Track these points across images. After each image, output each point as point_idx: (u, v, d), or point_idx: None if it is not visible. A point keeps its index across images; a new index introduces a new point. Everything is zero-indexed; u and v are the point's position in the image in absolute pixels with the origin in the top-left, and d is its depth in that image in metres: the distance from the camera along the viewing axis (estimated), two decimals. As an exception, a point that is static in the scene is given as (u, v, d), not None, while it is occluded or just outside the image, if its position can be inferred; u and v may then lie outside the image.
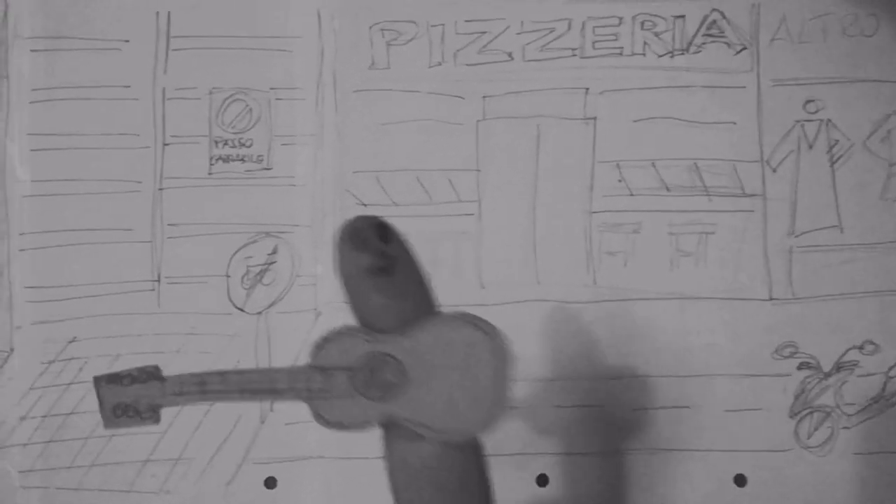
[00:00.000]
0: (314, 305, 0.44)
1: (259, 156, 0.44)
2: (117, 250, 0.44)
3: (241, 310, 0.44)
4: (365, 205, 0.44)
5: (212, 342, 0.44)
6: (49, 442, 0.43)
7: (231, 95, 0.44)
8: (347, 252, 0.23)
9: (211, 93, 0.44)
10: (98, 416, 0.24)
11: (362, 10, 0.45)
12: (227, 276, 0.44)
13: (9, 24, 0.44)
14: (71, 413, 0.43)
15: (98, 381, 0.24)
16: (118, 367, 0.43)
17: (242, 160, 0.44)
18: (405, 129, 0.44)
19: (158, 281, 0.44)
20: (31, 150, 0.44)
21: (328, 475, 0.44)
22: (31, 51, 0.44)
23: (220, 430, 0.44)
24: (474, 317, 0.24)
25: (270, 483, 0.44)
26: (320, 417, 0.24)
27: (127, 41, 0.44)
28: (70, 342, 0.44)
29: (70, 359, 0.44)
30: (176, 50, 0.44)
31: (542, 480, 0.43)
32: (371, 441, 0.44)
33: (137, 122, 0.44)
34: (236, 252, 0.44)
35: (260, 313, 0.44)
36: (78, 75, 0.44)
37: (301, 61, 0.44)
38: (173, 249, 0.44)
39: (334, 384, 0.23)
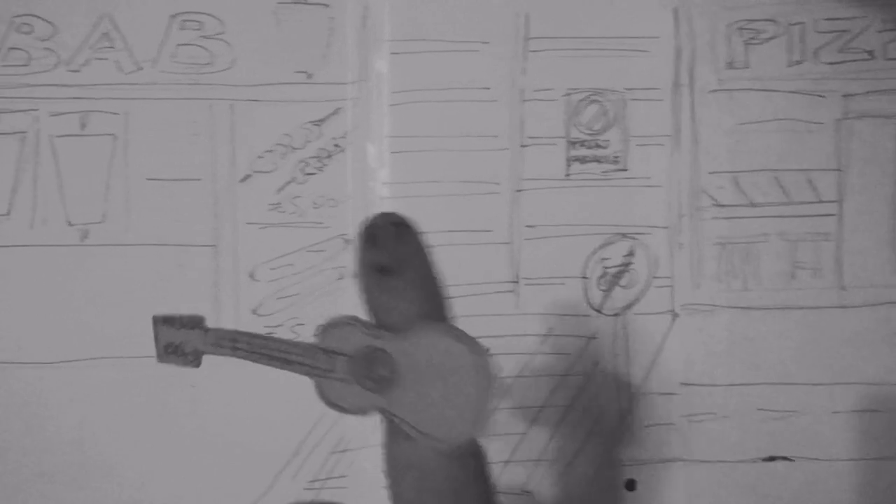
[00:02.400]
0: (671, 307, 0.44)
1: (615, 157, 0.44)
2: (476, 251, 0.44)
3: (599, 311, 0.44)
4: (721, 205, 0.44)
5: (570, 343, 0.44)
6: (411, 441, 0.44)
7: (587, 97, 0.44)
8: (362, 247, 0.24)
9: (567, 94, 0.44)
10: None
11: (720, 9, 0.44)
12: (584, 278, 0.44)
13: (368, 27, 0.44)
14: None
15: (156, 320, 0.26)
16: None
17: (598, 161, 0.44)
18: (763, 128, 0.44)
19: (517, 282, 0.44)
20: (392, 153, 0.44)
21: (691, 478, 0.43)
22: (391, 53, 0.44)
23: (580, 432, 0.44)
24: (460, 331, 0.24)
25: (631, 485, 0.44)
26: (323, 395, 0.24)
27: (486, 43, 0.44)
28: (431, 343, 0.44)
29: (431, 359, 0.44)
30: (534, 51, 0.44)
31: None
32: (732, 447, 0.44)
33: (496, 123, 0.44)
34: (593, 253, 0.44)
35: (617, 315, 0.44)
36: (437, 77, 0.44)
37: (657, 62, 0.44)
38: (531, 251, 0.44)
39: (336, 367, 0.24)
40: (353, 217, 0.44)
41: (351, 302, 0.43)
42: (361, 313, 0.24)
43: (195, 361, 0.26)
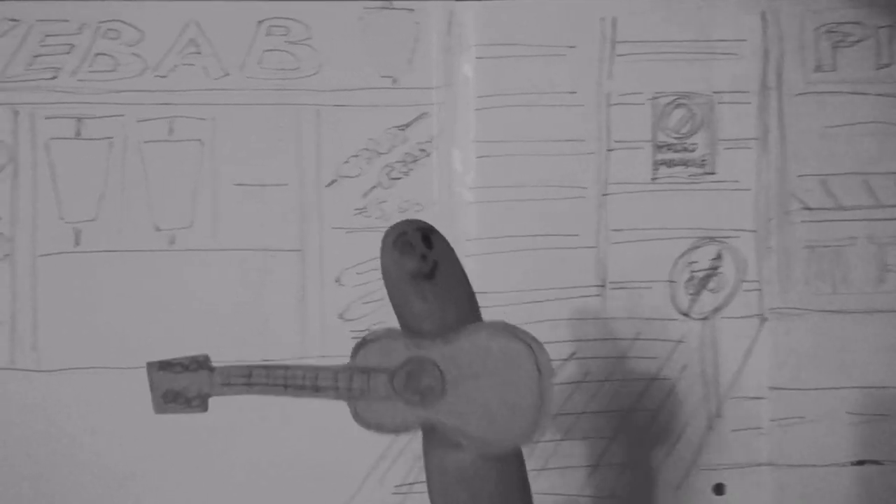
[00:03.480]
0: (759, 311, 0.44)
1: (703, 160, 0.44)
2: (563, 256, 0.44)
3: (687, 315, 0.44)
4: (809, 208, 0.44)
5: (657, 347, 0.44)
6: (499, 446, 0.44)
7: (674, 100, 0.44)
8: (392, 255, 0.23)
9: (654, 98, 0.44)
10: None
11: (807, 13, 0.44)
12: (672, 282, 0.44)
13: (453, 32, 0.44)
14: (520, 418, 0.44)
15: (151, 367, 0.24)
16: (567, 371, 0.43)
17: (685, 165, 0.44)
18: (851, 131, 0.44)
19: (604, 286, 0.44)
20: (477, 157, 0.44)
21: (779, 483, 0.43)
22: (477, 58, 0.44)
23: (668, 437, 0.44)
24: (514, 327, 0.23)
25: (719, 489, 0.43)
26: (359, 418, 0.23)
27: (573, 47, 0.44)
28: (518, 347, 0.44)
29: (518, 364, 0.44)
30: (621, 55, 0.44)
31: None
32: (821, 451, 0.43)
33: (582, 127, 0.44)
34: (680, 257, 0.44)
35: (705, 318, 0.44)
36: (523, 81, 0.44)
37: (745, 65, 0.44)
38: (618, 255, 0.44)
39: (374, 385, 0.23)
40: (440, 221, 0.44)
41: (438, 306, 0.43)
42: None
43: (202, 406, 0.24)
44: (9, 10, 0.43)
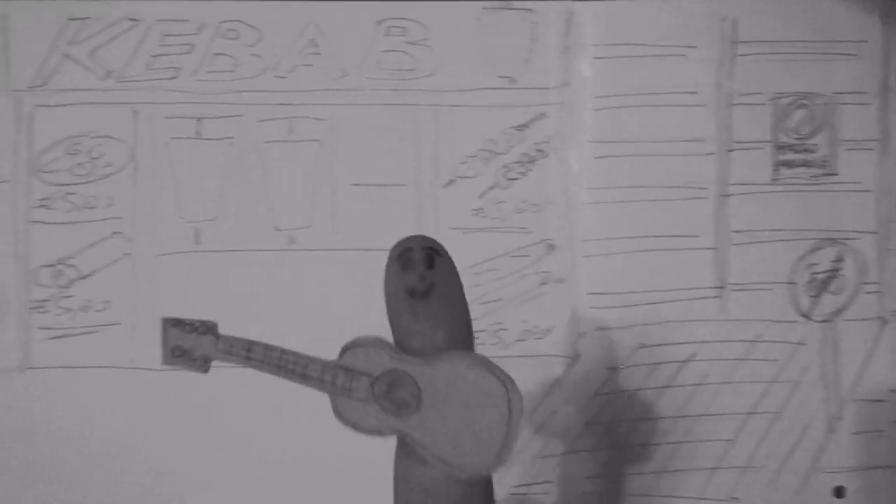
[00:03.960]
0: (880, 313, 0.44)
1: (824, 161, 0.44)
2: (681, 257, 0.44)
3: (807, 317, 0.44)
4: (931, 211, 0.43)
5: (777, 350, 0.44)
6: (618, 448, 0.44)
7: (795, 101, 0.44)
8: (393, 268, 0.24)
9: (775, 98, 0.44)
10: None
11: (931, 12, 0.43)
12: (792, 284, 0.44)
13: (572, 32, 0.44)
14: (639, 419, 0.44)
15: (166, 322, 0.25)
16: (685, 374, 0.43)
17: (807, 166, 0.44)
18: (976, 132, 0.43)
19: (723, 287, 0.44)
20: (595, 158, 0.44)
21: (902, 486, 0.43)
22: (595, 58, 0.44)
23: (788, 439, 0.43)
24: (493, 364, 0.24)
25: (840, 492, 0.43)
26: (339, 413, 0.24)
27: (693, 47, 0.44)
28: (636, 349, 0.44)
29: (636, 365, 0.44)
30: (742, 56, 0.44)
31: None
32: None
33: (702, 128, 0.44)
34: (801, 259, 0.44)
35: (826, 321, 0.44)
36: (642, 81, 0.44)
37: (866, 65, 0.44)
38: (738, 256, 0.44)
39: (356, 386, 0.24)
40: (557, 222, 0.44)
41: (554, 306, 0.43)
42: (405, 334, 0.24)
43: (203, 367, 0.26)
44: (129, 9, 0.44)
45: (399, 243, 0.25)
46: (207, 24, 0.44)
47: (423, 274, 0.24)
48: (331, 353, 0.44)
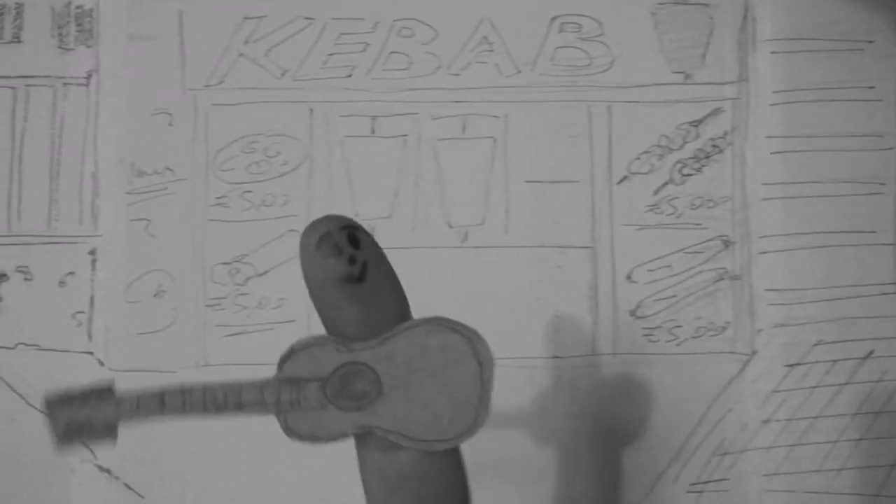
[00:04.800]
0: None
1: None
2: (859, 252, 0.43)
3: None
4: None
5: (958, 346, 0.43)
6: (794, 445, 0.43)
7: (976, 94, 0.43)
8: (315, 259, 0.21)
9: (955, 92, 0.43)
10: None
11: None
12: (973, 280, 0.43)
13: (748, 27, 0.44)
14: (817, 416, 0.43)
15: (49, 401, 0.22)
16: (864, 371, 0.43)
17: None
18: None
19: (902, 284, 0.43)
20: (771, 153, 0.44)
21: None
22: (772, 53, 0.44)
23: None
24: (452, 321, 0.22)
25: None
26: (291, 431, 0.22)
27: (871, 42, 0.43)
28: (815, 345, 0.43)
29: (815, 362, 0.43)
30: (922, 49, 0.43)
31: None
32: None
33: (881, 122, 0.43)
34: (982, 254, 0.43)
35: None
36: (819, 76, 0.44)
37: None
38: (918, 252, 0.43)
39: (305, 396, 0.22)
40: (733, 218, 0.44)
41: (730, 303, 0.43)
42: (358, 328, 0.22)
43: (110, 435, 0.22)
44: (304, 8, 0.44)
45: (311, 229, 0.21)
46: (382, 23, 0.44)
47: (352, 256, 0.21)
48: (507, 350, 0.44)
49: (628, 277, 0.44)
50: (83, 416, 0.22)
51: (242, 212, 0.44)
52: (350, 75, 0.44)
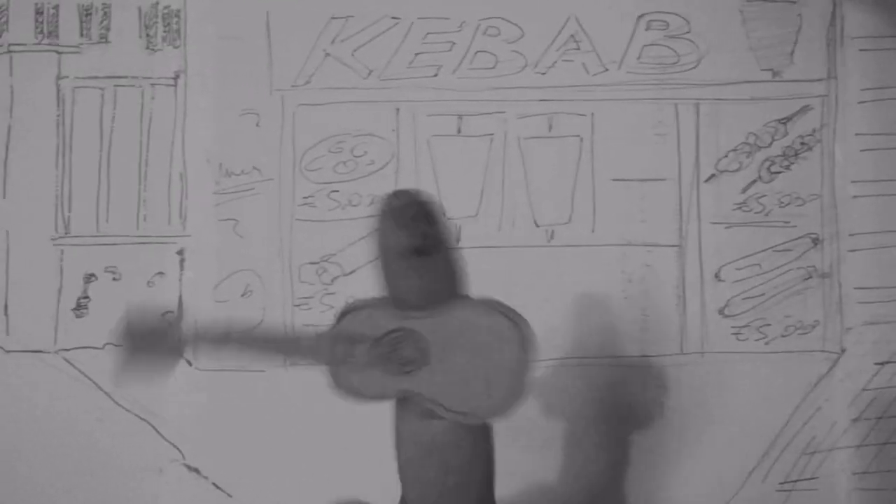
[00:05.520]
0: None
1: None
2: (951, 250, 0.43)
3: None
4: None
5: None
6: (885, 444, 0.43)
7: None
8: (389, 228, 0.23)
9: None
10: None
11: None
12: None
13: (837, 24, 0.43)
14: (909, 415, 0.43)
15: (128, 313, 0.25)
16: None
17: None
18: None
19: None
20: (861, 150, 0.43)
21: None
22: (860, 50, 0.43)
23: None
24: (502, 304, 0.23)
25: None
26: (338, 385, 0.24)
27: (963, 37, 0.43)
28: (906, 343, 0.43)
29: (906, 360, 0.43)
30: None
31: None
32: None
33: (972, 119, 0.43)
34: None
35: None
36: (909, 75, 0.43)
37: None
38: None
39: (356, 352, 0.23)
40: (822, 216, 0.43)
41: (819, 301, 0.42)
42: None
43: (169, 363, 0.25)
44: (391, 7, 0.44)
45: (391, 199, 0.23)
46: (468, 22, 0.44)
47: (426, 232, 0.23)
48: (594, 348, 0.43)
49: (716, 276, 0.44)
50: (150, 341, 0.24)
51: (329, 211, 0.44)
52: (436, 74, 0.44)
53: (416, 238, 0.23)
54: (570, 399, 0.43)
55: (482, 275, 0.43)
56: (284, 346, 0.24)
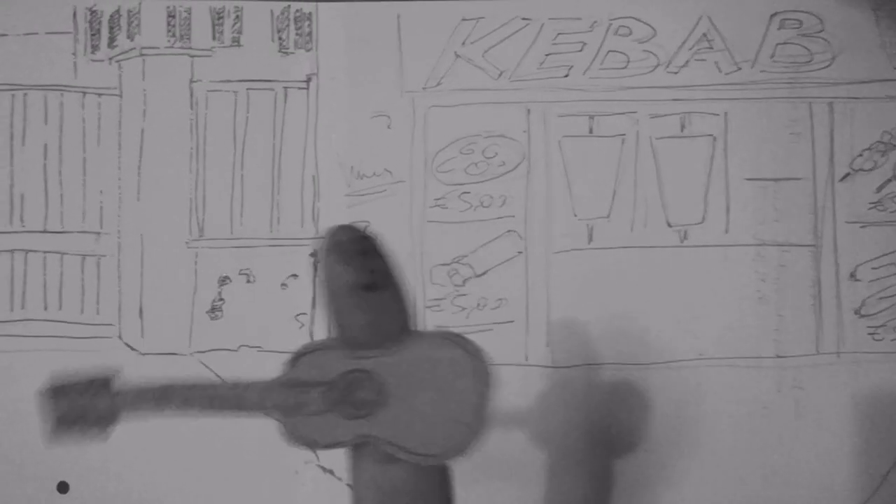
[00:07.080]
0: None
1: None
2: None
3: None
4: None
5: None
6: None
7: None
8: (332, 265, 0.21)
9: None
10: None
11: None
12: None
13: (973, 21, 0.43)
14: None
15: (47, 391, 0.22)
16: None
17: None
18: None
19: None
20: None
21: None
22: None
23: None
24: (456, 335, 0.22)
25: None
26: (290, 435, 0.22)
27: None
28: None
29: None
30: None
31: None
32: None
33: None
34: None
35: None
36: None
37: None
38: None
39: (308, 400, 0.22)
40: (958, 215, 0.43)
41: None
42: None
43: (103, 432, 0.22)
44: (521, 8, 0.44)
45: (330, 237, 0.22)
46: (600, 22, 0.44)
47: (374, 267, 0.22)
48: (727, 349, 0.43)
49: (852, 275, 0.43)
50: (79, 406, 0.22)
51: (461, 213, 0.44)
52: (567, 75, 0.44)
53: (365, 274, 0.22)
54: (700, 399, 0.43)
55: (614, 276, 0.43)
56: (231, 400, 0.22)
